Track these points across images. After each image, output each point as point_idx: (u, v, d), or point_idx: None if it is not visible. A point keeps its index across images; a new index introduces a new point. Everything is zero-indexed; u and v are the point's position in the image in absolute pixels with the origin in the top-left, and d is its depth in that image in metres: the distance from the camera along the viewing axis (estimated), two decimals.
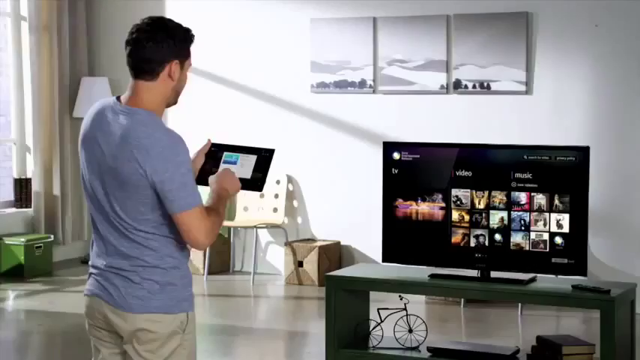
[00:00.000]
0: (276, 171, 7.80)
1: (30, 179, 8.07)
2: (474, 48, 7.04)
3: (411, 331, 4.90)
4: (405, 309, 4.90)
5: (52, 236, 8.00)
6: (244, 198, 7.87)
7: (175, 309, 2.86)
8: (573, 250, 4.58)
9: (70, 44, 8.25)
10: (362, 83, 7.46)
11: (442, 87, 7.18)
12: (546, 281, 4.76)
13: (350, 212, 7.54)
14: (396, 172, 4.96)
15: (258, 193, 7.81)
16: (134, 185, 2.76)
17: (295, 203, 7.79)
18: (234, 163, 3.05)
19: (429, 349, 4.75)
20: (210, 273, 7.65)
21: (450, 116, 7.16)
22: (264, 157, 3.06)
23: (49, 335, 6.16)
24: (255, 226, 7.59)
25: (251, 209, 7.84)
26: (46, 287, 7.46)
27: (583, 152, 4.60)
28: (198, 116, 8.09)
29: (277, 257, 7.79)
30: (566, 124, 6.77)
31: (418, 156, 4.87)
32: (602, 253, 6.53)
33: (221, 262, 7.88)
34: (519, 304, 6.46)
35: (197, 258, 7.78)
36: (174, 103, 2.93)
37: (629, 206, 6.61)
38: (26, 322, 6.61)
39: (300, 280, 7.43)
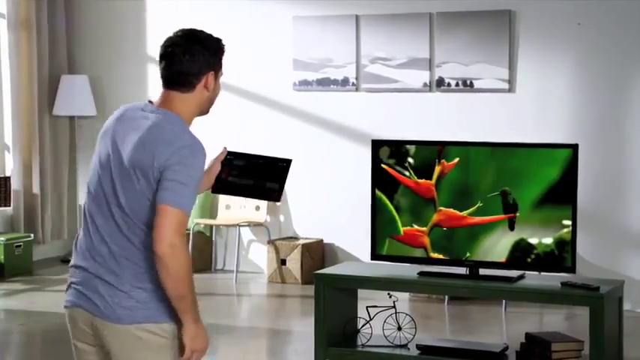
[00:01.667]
0: None
1: (9, 177, 7.99)
2: (457, 46, 7.05)
3: (400, 328, 4.90)
4: (393, 307, 4.90)
5: (32, 235, 7.93)
6: (226, 197, 7.82)
7: (165, 318, 2.77)
8: (562, 248, 4.60)
9: (50, 42, 8.17)
10: (345, 81, 7.45)
11: (425, 85, 7.19)
12: (534, 279, 4.78)
13: (333, 210, 7.53)
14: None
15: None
16: (149, 177, 2.75)
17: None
18: (248, 170, 3.01)
19: (418, 347, 4.75)
20: (192, 271, 7.59)
21: (433, 114, 7.17)
22: (280, 167, 2.99)
23: (29, 335, 6.11)
24: (237, 225, 7.56)
25: (233, 207, 7.81)
26: (26, 286, 7.39)
27: (572, 150, 4.62)
28: None
29: (260, 255, 7.76)
30: (550, 122, 6.80)
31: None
32: (588, 251, 6.56)
33: (203, 260, 7.85)
34: (504, 301, 6.48)
35: None
36: (207, 112, 2.97)
37: (615, 204, 6.64)
38: (6, 321, 6.54)
39: (283, 279, 7.41)
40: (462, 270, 4.76)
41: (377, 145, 4.95)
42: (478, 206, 4.73)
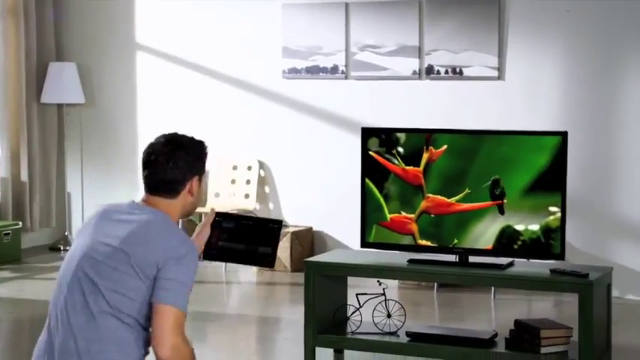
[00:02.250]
0: (247, 156, 7.77)
1: None
2: (447, 33, 7.05)
3: (389, 316, 4.91)
4: (383, 294, 4.91)
5: (21, 223, 7.91)
6: (215, 183, 7.84)
7: None
8: (548, 235, 4.61)
9: (37, 29, 8.14)
10: (334, 69, 7.45)
11: (414, 72, 7.19)
12: (523, 266, 4.79)
13: (322, 198, 7.54)
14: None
15: (230, 178, 7.78)
16: (136, 270, 2.69)
17: (267, 189, 7.77)
18: (238, 232, 2.92)
19: (407, 334, 4.76)
20: None
21: (423, 102, 7.17)
22: (271, 229, 2.92)
23: (18, 322, 6.10)
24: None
25: (222, 195, 7.80)
26: (15, 274, 7.38)
27: (561, 137, 4.63)
28: (169, 103, 8.03)
29: None
30: (539, 110, 6.81)
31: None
32: (576, 238, 6.58)
33: None
34: (493, 289, 6.50)
35: None
36: (190, 215, 2.91)
37: (603, 191, 6.66)
38: None
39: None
40: (452, 257, 4.77)
41: (367, 132, 4.95)
42: (466, 193, 4.74)
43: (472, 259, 4.74)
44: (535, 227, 4.62)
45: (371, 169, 4.90)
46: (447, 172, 4.77)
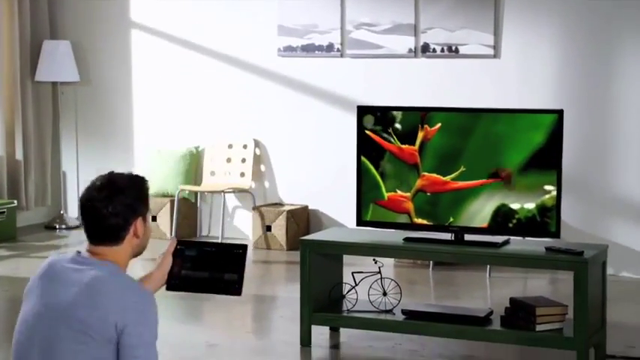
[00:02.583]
0: (243, 135, 7.76)
1: None
2: (442, 11, 7.02)
3: (385, 294, 4.92)
4: (379, 272, 4.92)
5: (16, 201, 7.90)
6: (211, 162, 7.83)
7: None
8: (544, 213, 4.62)
9: (31, 6, 8.09)
10: (329, 47, 7.42)
11: (410, 51, 7.17)
12: (519, 244, 4.80)
13: (317, 176, 7.53)
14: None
15: (226, 157, 7.77)
16: (94, 336, 2.51)
17: (262, 168, 7.77)
18: (202, 260, 2.78)
19: (403, 312, 4.77)
20: (177, 238, 7.61)
21: (418, 80, 7.16)
22: (236, 255, 2.80)
23: (13, 301, 6.10)
24: (222, 191, 7.55)
25: (218, 174, 7.80)
26: (10, 253, 7.38)
27: (557, 116, 4.63)
28: (164, 81, 8.00)
29: (245, 222, 7.77)
30: (535, 88, 6.80)
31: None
32: (572, 216, 6.59)
33: (188, 226, 7.84)
34: (488, 267, 6.51)
35: (164, 223, 7.74)
36: (140, 254, 2.74)
37: (599, 169, 6.67)
38: None
39: (269, 245, 7.42)
40: (447, 236, 4.78)
41: (362, 111, 4.94)
42: (461, 171, 4.74)
43: (468, 237, 4.75)
44: (531, 206, 4.63)
45: (367, 148, 4.89)
46: (443, 151, 4.77)
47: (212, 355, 4.83)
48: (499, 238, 4.72)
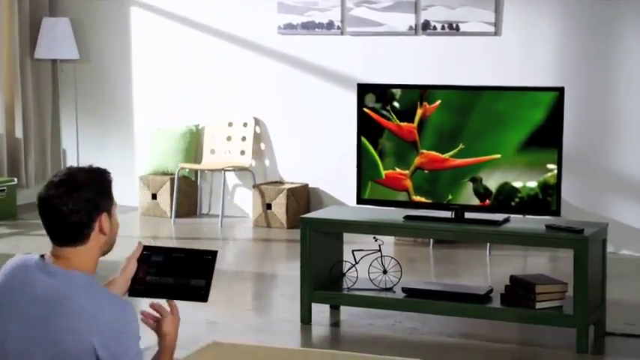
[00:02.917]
0: (243, 113, 7.75)
1: None
2: None
3: (385, 272, 4.92)
4: (379, 250, 4.92)
5: (16, 179, 7.90)
6: (211, 140, 7.82)
7: None
8: (546, 192, 4.61)
9: None
10: (330, 25, 7.39)
11: (410, 28, 7.14)
12: (519, 222, 4.80)
13: (318, 155, 7.52)
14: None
15: (226, 135, 7.75)
16: (72, 357, 2.35)
17: (263, 146, 7.76)
18: (169, 266, 2.67)
19: (403, 290, 4.78)
20: (177, 216, 7.62)
21: (419, 58, 7.13)
22: (205, 261, 2.68)
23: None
24: (222, 169, 7.54)
25: (218, 152, 7.79)
26: (11, 230, 7.38)
27: (558, 93, 4.61)
28: (163, 59, 7.98)
29: (245, 200, 7.77)
30: (536, 66, 6.77)
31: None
32: (572, 194, 6.59)
33: (188, 205, 7.84)
34: (488, 245, 6.52)
35: (164, 201, 7.74)
36: (109, 251, 2.58)
37: (599, 147, 6.66)
38: None
39: (269, 223, 7.42)
40: (448, 214, 4.78)
41: (362, 89, 4.93)
42: (460, 149, 4.73)
43: (468, 215, 4.74)
44: (533, 184, 4.63)
45: (365, 126, 4.88)
46: (442, 128, 4.76)
47: (212, 332, 4.84)
48: (499, 216, 4.72)
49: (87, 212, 2.44)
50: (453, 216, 4.76)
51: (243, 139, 7.70)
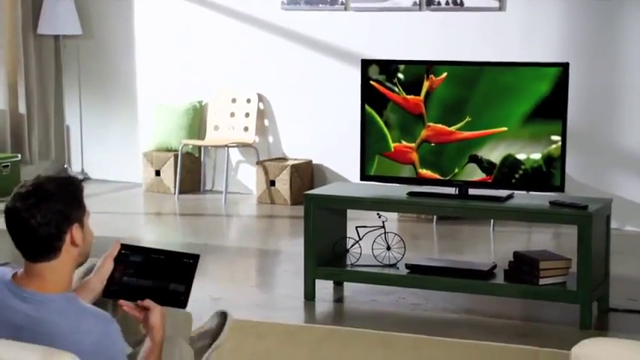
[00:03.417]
0: (246, 89, 7.72)
1: None
2: None
3: (389, 248, 4.92)
4: (383, 227, 4.92)
5: (20, 155, 7.90)
6: (214, 116, 7.80)
7: None
8: (550, 164, 4.60)
9: None
10: (333, 0, 7.36)
11: (415, 4, 7.10)
12: (523, 198, 4.79)
13: (321, 131, 7.51)
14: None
15: (229, 111, 7.73)
16: None
17: (266, 122, 7.74)
18: (147, 267, 2.55)
19: (407, 266, 4.78)
20: (181, 192, 7.62)
21: (423, 33, 7.10)
22: (186, 265, 2.56)
23: (19, 255, 6.12)
24: (226, 145, 7.53)
25: (222, 128, 7.77)
26: None
27: (562, 69, 4.59)
28: (167, 34, 7.95)
29: (249, 176, 7.76)
30: (540, 41, 6.74)
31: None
32: (576, 170, 6.58)
33: (192, 181, 7.84)
34: (492, 221, 6.51)
35: (168, 177, 7.74)
36: (84, 262, 2.46)
37: (604, 123, 6.64)
38: None
39: (272, 199, 7.42)
40: (451, 190, 4.77)
41: (366, 64, 4.91)
42: (467, 121, 4.71)
43: (472, 191, 4.74)
44: (537, 156, 4.61)
45: (371, 99, 4.86)
46: (448, 101, 4.74)
47: (216, 308, 4.82)
48: (503, 193, 4.71)
49: (57, 224, 2.31)
50: (457, 192, 4.75)
51: (247, 115, 7.69)
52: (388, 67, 4.84)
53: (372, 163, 4.88)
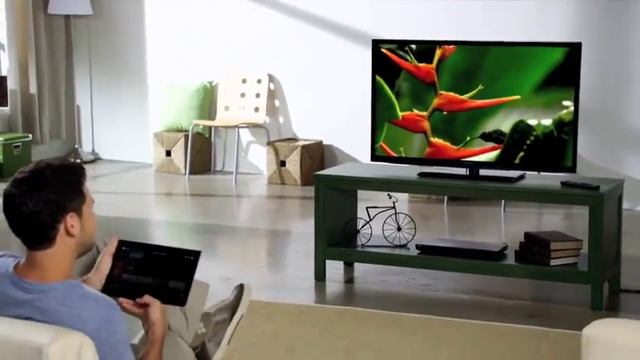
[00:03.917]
0: (257, 70, 7.71)
1: (5, 77, 7.91)
2: None
3: (399, 229, 4.92)
4: (393, 207, 4.91)
5: (31, 135, 7.91)
6: (225, 97, 7.79)
7: None
8: (562, 147, 4.58)
9: None
10: None
11: None
12: (534, 179, 4.78)
13: (332, 111, 7.49)
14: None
15: (240, 92, 7.72)
16: None
17: (277, 102, 7.73)
18: (147, 264, 2.53)
19: (417, 247, 4.78)
20: (191, 173, 7.62)
21: (433, 12, 7.06)
22: (187, 262, 2.53)
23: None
24: (236, 126, 7.53)
25: (232, 109, 7.77)
26: None
27: (574, 48, 4.56)
28: (177, 15, 7.93)
29: (259, 157, 7.75)
30: (552, 20, 6.70)
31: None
32: (588, 151, 6.55)
33: (202, 161, 7.84)
34: (502, 202, 6.50)
35: (178, 158, 7.74)
36: (87, 252, 2.45)
37: (615, 103, 6.60)
38: (5, 222, 6.55)
39: (283, 180, 7.42)
40: (462, 170, 4.75)
41: (377, 44, 4.89)
42: (479, 89, 4.69)
43: (482, 172, 4.72)
44: (548, 122, 4.59)
45: (383, 67, 4.84)
46: (460, 69, 4.72)
47: (226, 288, 4.84)
48: (514, 173, 4.69)
49: (49, 213, 2.27)
50: (468, 173, 4.73)
51: (257, 95, 7.67)
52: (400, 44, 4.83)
53: (382, 131, 4.85)
